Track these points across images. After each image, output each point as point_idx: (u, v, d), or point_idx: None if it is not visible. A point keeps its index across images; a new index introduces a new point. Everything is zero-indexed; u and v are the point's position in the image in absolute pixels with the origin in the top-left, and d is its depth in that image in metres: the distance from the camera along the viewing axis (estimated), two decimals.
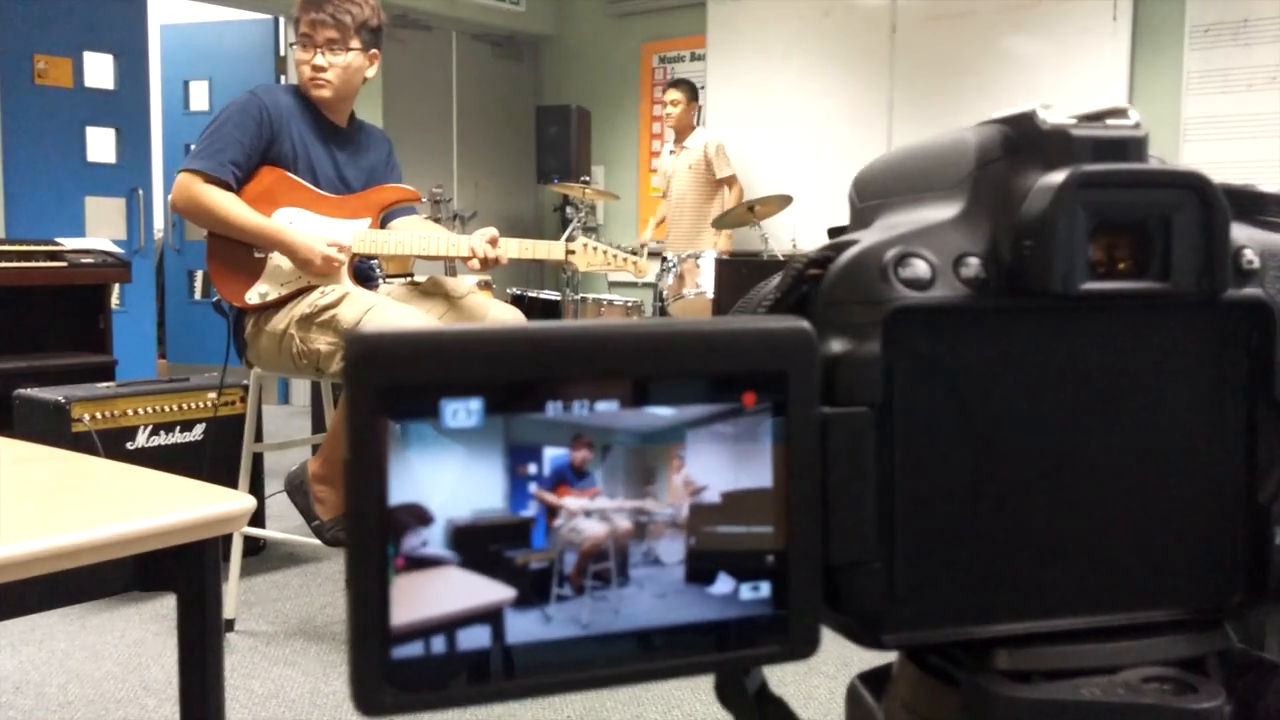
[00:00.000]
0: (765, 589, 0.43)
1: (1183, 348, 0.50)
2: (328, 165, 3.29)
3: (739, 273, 5.25)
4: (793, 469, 0.44)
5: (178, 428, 3.77)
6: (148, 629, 3.44)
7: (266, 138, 3.19)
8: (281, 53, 7.82)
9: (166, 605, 3.56)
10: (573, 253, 3.44)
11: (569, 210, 8.35)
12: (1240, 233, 0.49)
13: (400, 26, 7.68)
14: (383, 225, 3.36)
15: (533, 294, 6.93)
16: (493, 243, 3.25)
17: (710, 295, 5.89)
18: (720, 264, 5.51)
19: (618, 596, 0.42)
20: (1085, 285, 0.46)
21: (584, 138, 8.14)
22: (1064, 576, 0.49)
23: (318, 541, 3.31)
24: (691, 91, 7.12)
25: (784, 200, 6.74)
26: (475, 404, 0.40)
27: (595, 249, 3.51)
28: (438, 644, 0.40)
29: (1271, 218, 0.51)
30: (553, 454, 0.41)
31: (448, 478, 0.40)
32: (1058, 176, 0.45)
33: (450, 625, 0.40)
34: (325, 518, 3.26)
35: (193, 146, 3.20)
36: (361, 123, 3.51)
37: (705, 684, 0.48)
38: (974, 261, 0.47)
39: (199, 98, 8.14)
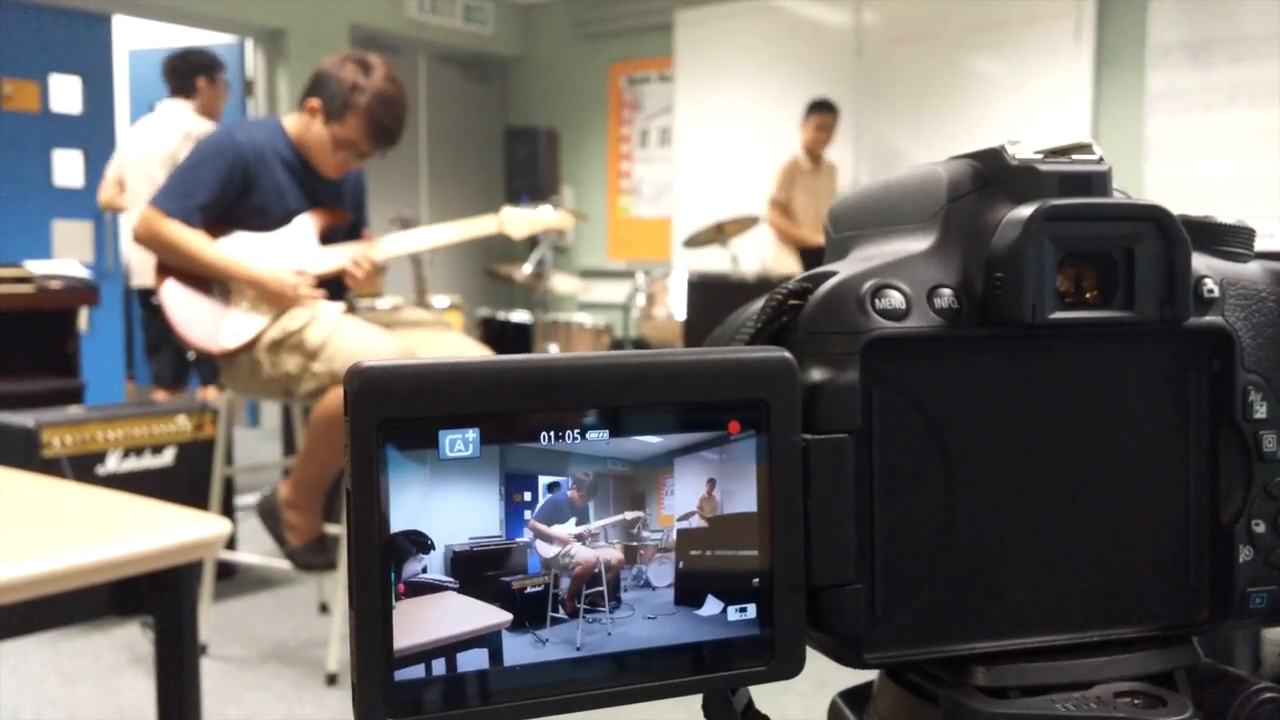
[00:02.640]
0: (751, 610, 0.45)
1: (1147, 373, 0.52)
2: (302, 205, 3.28)
3: (708, 294, 5.28)
4: (776, 494, 0.45)
5: (148, 452, 3.75)
6: (120, 654, 3.42)
7: (239, 182, 3.16)
8: (248, 76, 7.80)
9: (138, 631, 3.54)
10: (503, 223, 3.56)
11: None
12: (1200, 262, 0.51)
13: (367, 50, 7.67)
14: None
15: (503, 316, 6.95)
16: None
17: (680, 317, 5.88)
18: (691, 285, 5.52)
19: (610, 619, 0.43)
20: (1053, 314, 0.48)
21: (552, 159, 8.15)
22: (1037, 595, 0.51)
23: (289, 565, 3.30)
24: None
25: (751, 220, 6.77)
26: (472, 434, 0.42)
27: (520, 218, 3.61)
28: (438, 666, 0.41)
29: (1229, 247, 0.54)
30: (547, 482, 0.43)
31: (446, 506, 0.41)
32: (1026, 210, 0.47)
33: (450, 648, 0.41)
34: (296, 543, 3.24)
35: (162, 181, 3.16)
36: None
37: (690, 702, 0.49)
38: (947, 292, 0.48)
39: None
